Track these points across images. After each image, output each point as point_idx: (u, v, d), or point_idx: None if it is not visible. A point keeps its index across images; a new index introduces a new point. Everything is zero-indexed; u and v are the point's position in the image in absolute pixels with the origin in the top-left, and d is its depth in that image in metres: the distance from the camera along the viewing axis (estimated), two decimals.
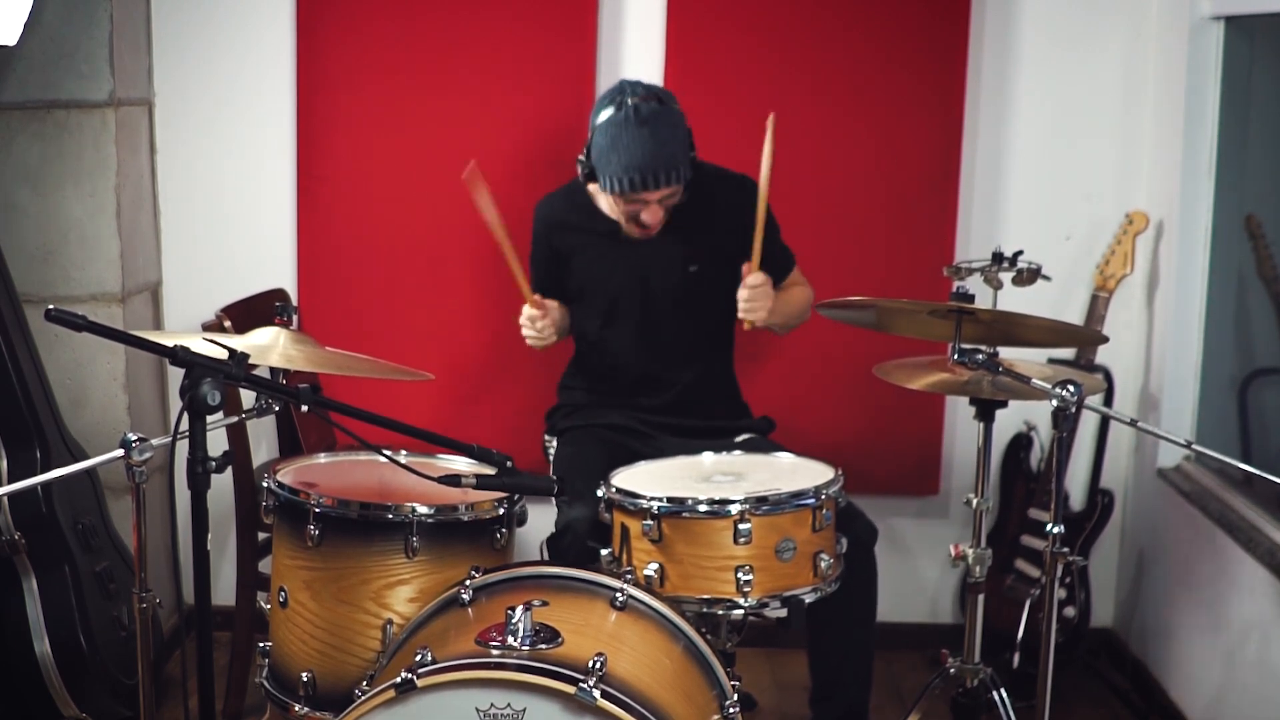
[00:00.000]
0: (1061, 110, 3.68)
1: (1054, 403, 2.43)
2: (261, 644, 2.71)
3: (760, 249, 3.07)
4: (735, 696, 2.41)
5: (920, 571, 3.86)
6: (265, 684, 2.66)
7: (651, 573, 2.59)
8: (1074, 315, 3.69)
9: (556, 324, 3.20)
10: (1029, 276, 3.08)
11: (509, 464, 2.46)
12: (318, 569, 2.55)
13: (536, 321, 3.15)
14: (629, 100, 2.96)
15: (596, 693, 2.03)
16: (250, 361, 2.24)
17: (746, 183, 3.19)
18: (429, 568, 2.53)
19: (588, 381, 3.28)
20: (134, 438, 2.19)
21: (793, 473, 2.76)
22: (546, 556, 2.89)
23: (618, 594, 2.38)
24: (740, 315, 3.09)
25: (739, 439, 3.13)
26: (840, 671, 3.01)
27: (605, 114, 2.98)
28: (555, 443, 3.25)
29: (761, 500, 2.58)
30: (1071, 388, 2.41)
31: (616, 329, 3.20)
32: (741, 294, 3.08)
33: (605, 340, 3.22)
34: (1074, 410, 2.42)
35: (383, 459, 2.53)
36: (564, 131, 3.61)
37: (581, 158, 3.06)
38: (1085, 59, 3.67)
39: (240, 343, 2.41)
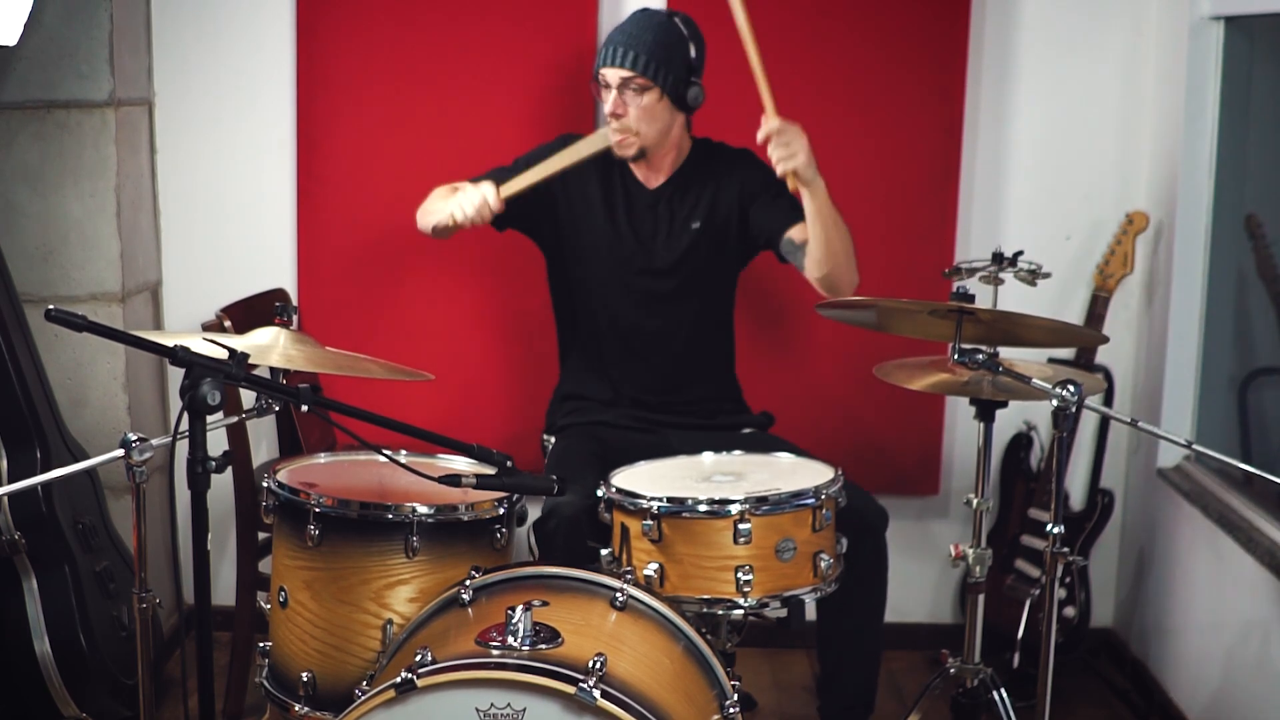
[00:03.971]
0: (1061, 110, 3.69)
1: (1054, 403, 2.43)
2: (261, 644, 2.71)
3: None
4: (735, 696, 2.41)
5: (920, 571, 3.86)
6: (265, 684, 2.66)
7: (651, 573, 2.59)
8: (1074, 315, 3.69)
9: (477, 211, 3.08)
10: (1030, 277, 3.08)
11: (509, 464, 2.46)
12: (318, 569, 2.55)
13: (475, 197, 3.06)
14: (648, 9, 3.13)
15: (596, 693, 2.03)
16: (250, 361, 2.24)
17: (747, 154, 3.23)
18: (429, 568, 2.53)
19: (585, 368, 3.26)
20: (134, 438, 2.19)
21: (793, 473, 2.76)
22: (533, 542, 2.89)
23: (618, 594, 2.38)
24: (776, 165, 2.92)
25: (742, 432, 3.14)
26: (848, 656, 3.02)
27: None
28: (553, 440, 3.25)
29: (761, 500, 2.58)
30: (1071, 388, 2.41)
31: (618, 285, 3.19)
32: (767, 143, 2.92)
33: (607, 299, 3.20)
34: (1074, 410, 2.42)
35: (383, 459, 2.53)
36: (564, 133, 3.61)
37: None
38: (1085, 59, 3.67)
39: (240, 342, 2.41)
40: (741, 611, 2.60)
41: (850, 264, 3.01)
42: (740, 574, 2.55)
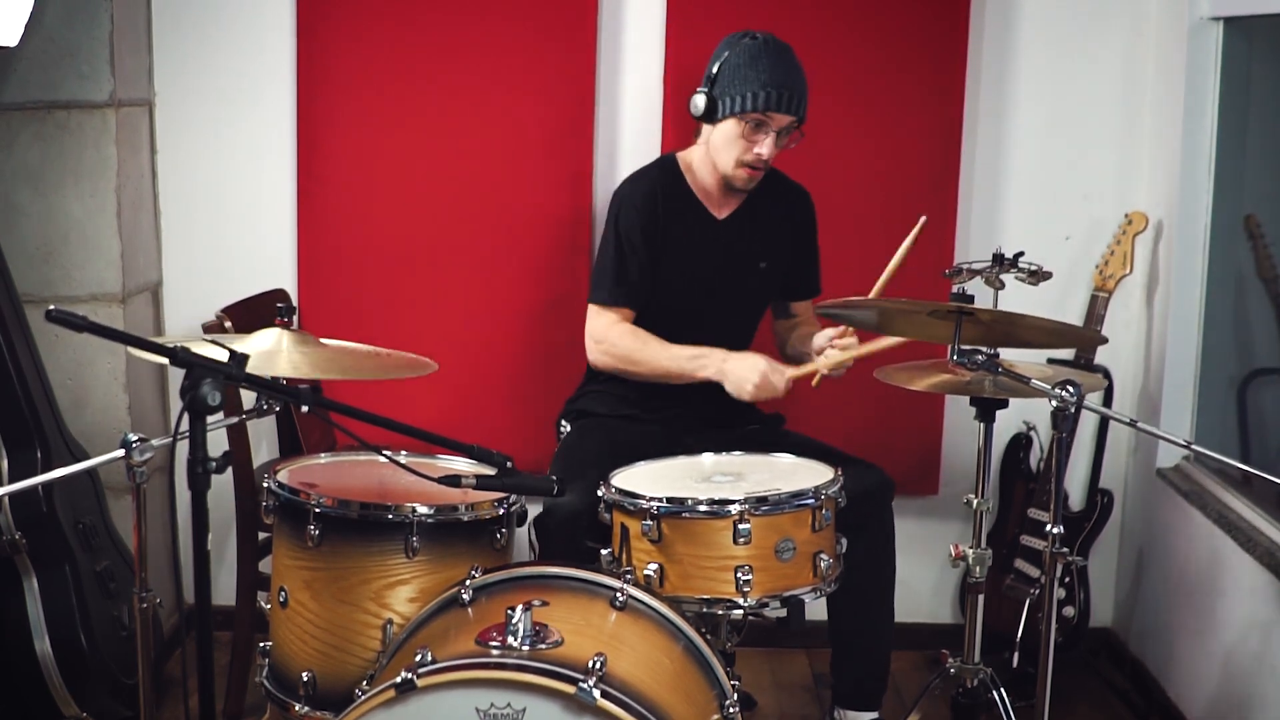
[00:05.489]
0: (1061, 110, 3.69)
1: (1054, 403, 2.43)
2: (262, 644, 2.71)
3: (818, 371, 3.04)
4: (735, 696, 2.41)
5: (920, 571, 3.86)
6: (265, 684, 2.67)
7: (651, 573, 2.59)
8: (1073, 315, 3.69)
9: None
10: (1030, 277, 3.08)
11: (509, 464, 2.46)
12: (318, 569, 2.55)
13: (783, 393, 3.01)
14: (760, 34, 3.05)
15: (596, 693, 2.03)
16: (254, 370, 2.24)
17: (806, 196, 3.30)
18: (429, 568, 2.53)
19: (614, 377, 3.23)
20: (134, 438, 2.20)
21: (793, 473, 2.77)
22: (533, 538, 2.89)
23: (618, 594, 2.39)
24: (820, 364, 3.02)
25: (748, 427, 3.16)
26: (859, 632, 3.04)
27: (738, 44, 3.05)
28: (569, 428, 3.24)
29: (761, 500, 2.58)
30: (1071, 388, 2.41)
31: (676, 310, 3.16)
32: (833, 355, 3.01)
33: (660, 320, 3.16)
34: (1074, 410, 2.42)
35: (383, 459, 2.53)
36: (564, 133, 3.61)
37: (702, 90, 3.06)
38: (1084, 59, 3.67)
39: (243, 349, 2.40)
40: (741, 611, 2.60)
41: None
42: (740, 574, 2.56)
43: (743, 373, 3.00)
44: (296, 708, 2.57)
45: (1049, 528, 2.48)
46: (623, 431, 3.13)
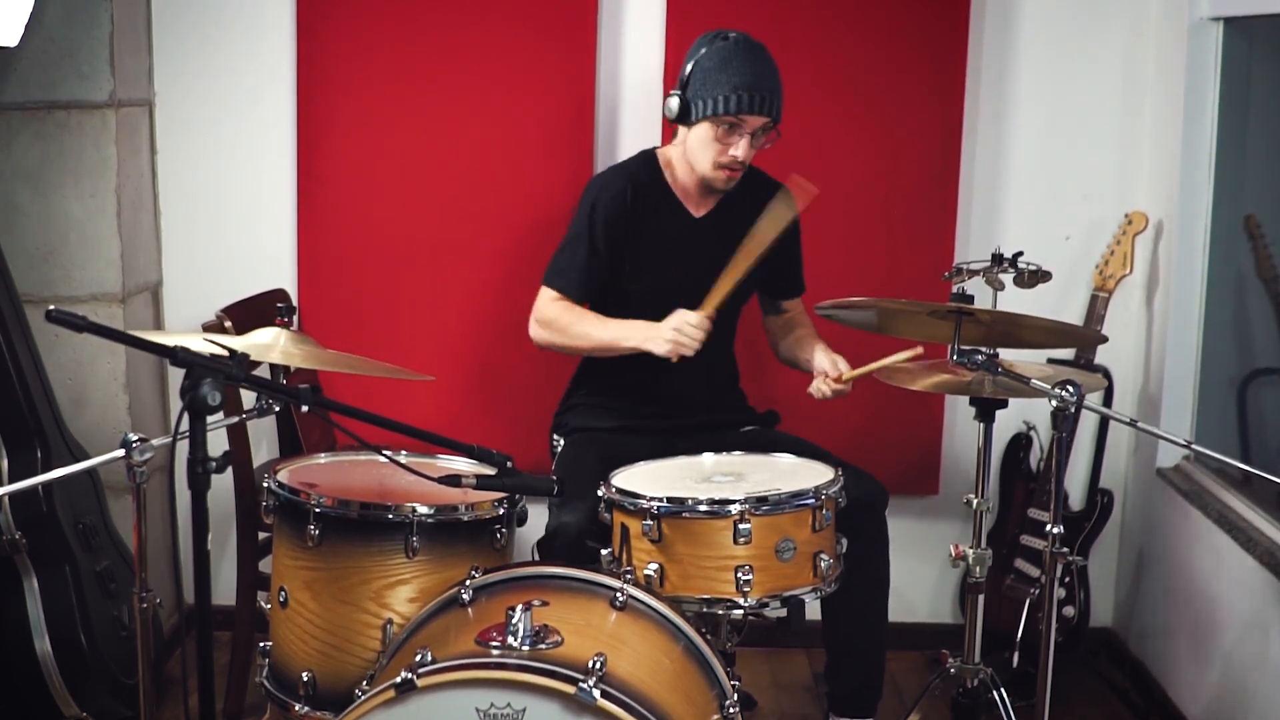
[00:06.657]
0: (1061, 111, 3.69)
1: (1054, 403, 2.43)
2: (262, 644, 2.71)
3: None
4: (735, 696, 2.41)
5: (920, 571, 3.86)
6: (265, 684, 2.67)
7: (651, 573, 2.59)
8: (1073, 315, 3.69)
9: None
10: (1030, 279, 3.08)
11: (509, 464, 2.46)
12: (318, 569, 2.55)
13: (699, 331, 2.97)
14: (732, 34, 3.03)
15: (596, 693, 2.03)
16: (251, 360, 2.24)
17: (781, 190, 3.22)
18: (429, 568, 2.53)
19: (600, 383, 3.24)
20: (134, 438, 2.20)
21: (793, 473, 2.77)
22: (538, 559, 2.89)
23: (618, 594, 2.39)
24: (814, 393, 3.06)
25: (743, 429, 3.15)
26: (854, 641, 3.03)
27: (710, 45, 3.02)
28: (562, 443, 3.24)
29: (761, 500, 2.57)
30: (1071, 388, 2.41)
31: (655, 312, 3.11)
32: (823, 388, 3.05)
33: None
34: (1074, 410, 2.42)
35: (383, 459, 2.53)
36: (564, 133, 3.61)
37: (676, 92, 3.03)
38: (1084, 59, 3.67)
39: (240, 342, 2.41)
40: (741, 611, 2.60)
41: None
42: (740, 574, 2.55)
43: (655, 336, 2.99)
44: (296, 708, 2.57)
45: (1049, 528, 2.48)
46: (618, 445, 3.11)
